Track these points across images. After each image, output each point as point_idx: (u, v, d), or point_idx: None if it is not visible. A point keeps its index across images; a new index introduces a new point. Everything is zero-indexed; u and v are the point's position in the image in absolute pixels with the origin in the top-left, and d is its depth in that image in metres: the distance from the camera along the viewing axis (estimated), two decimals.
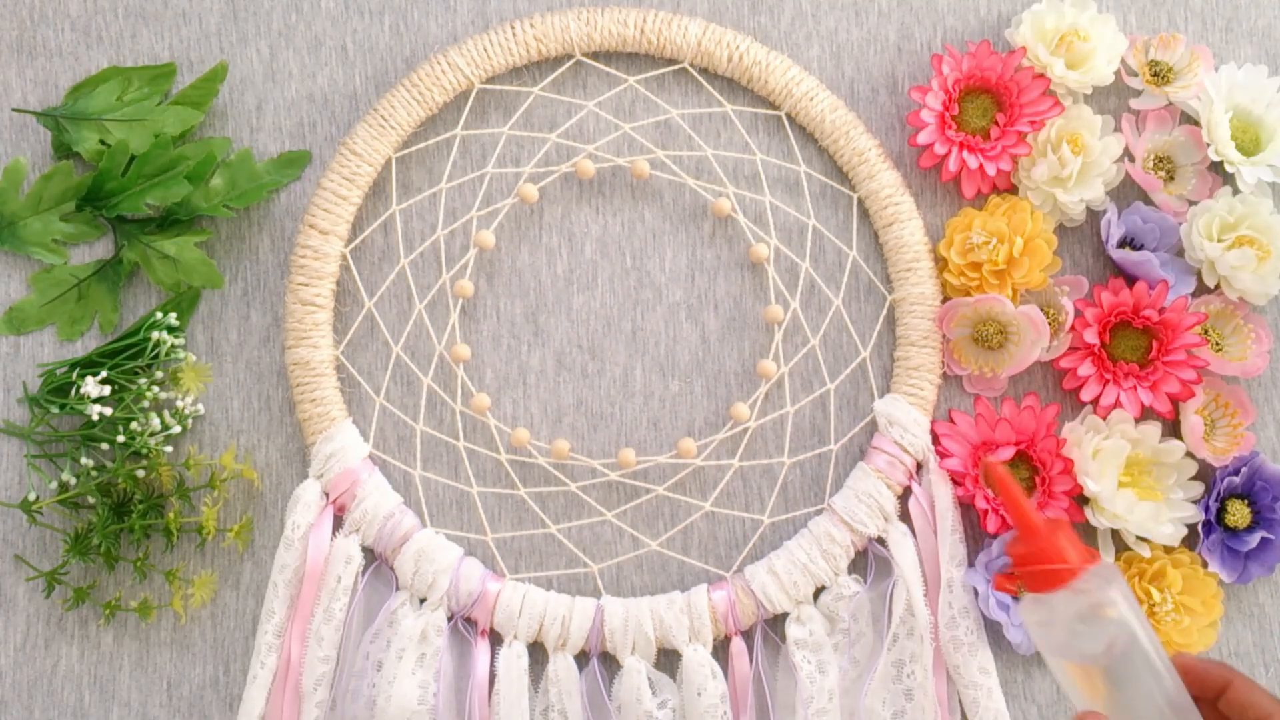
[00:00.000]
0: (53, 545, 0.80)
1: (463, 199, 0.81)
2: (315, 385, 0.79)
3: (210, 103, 0.81)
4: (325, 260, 0.79)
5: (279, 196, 0.81)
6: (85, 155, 0.80)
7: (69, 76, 0.82)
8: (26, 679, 0.79)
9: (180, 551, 0.79)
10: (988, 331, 0.79)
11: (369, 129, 0.79)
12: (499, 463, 0.80)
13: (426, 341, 0.80)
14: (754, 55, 0.80)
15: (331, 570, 0.77)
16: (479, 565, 0.78)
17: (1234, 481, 0.79)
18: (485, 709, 0.77)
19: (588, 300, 0.81)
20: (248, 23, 0.82)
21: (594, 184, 0.82)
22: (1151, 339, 0.78)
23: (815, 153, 0.81)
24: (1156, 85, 0.80)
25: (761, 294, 0.81)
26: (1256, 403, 0.81)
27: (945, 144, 0.79)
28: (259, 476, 0.80)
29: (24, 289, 0.81)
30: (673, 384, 0.81)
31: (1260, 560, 0.78)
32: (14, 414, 0.80)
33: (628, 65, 0.82)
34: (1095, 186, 0.79)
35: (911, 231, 0.80)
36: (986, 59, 0.79)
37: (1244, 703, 0.58)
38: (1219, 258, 0.77)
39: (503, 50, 0.80)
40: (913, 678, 0.76)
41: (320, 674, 0.76)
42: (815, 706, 0.75)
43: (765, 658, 0.78)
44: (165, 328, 0.78)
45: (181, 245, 0.79)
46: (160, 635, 0.79)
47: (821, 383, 0.81)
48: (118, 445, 0.77)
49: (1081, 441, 0.77)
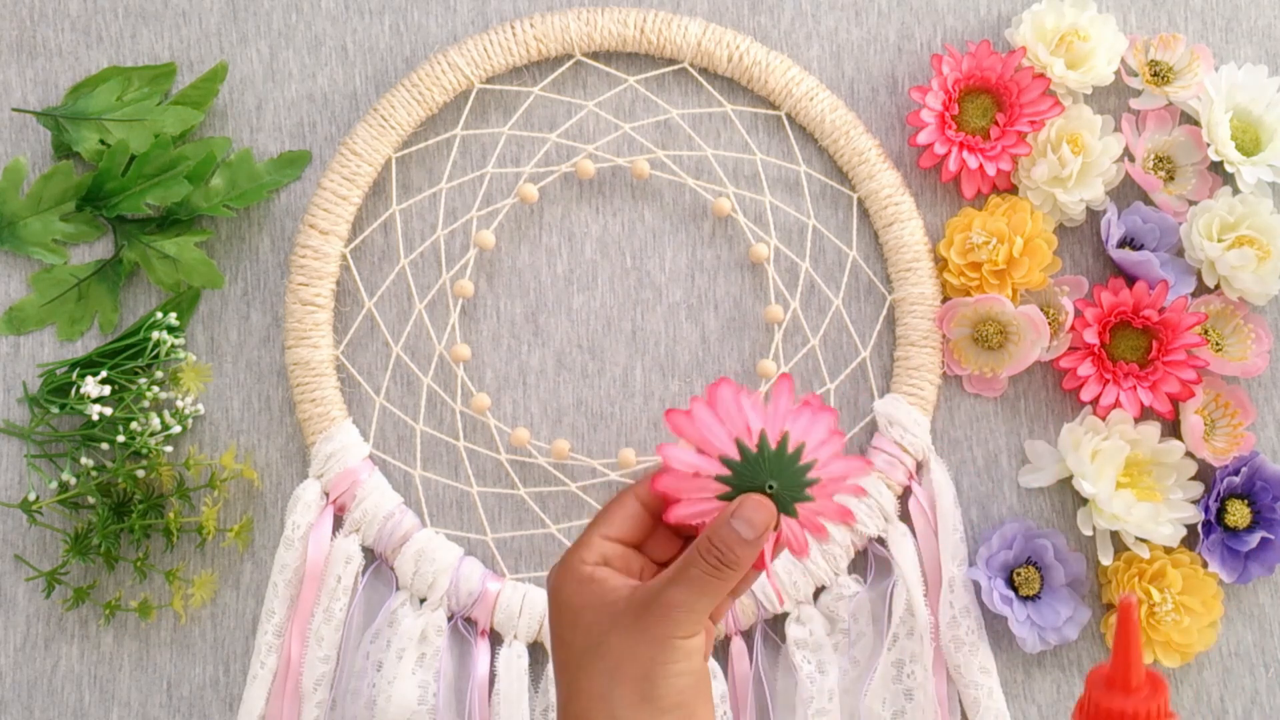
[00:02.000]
0: (53, 545, 0.80)
1: (463, 199, 0.81)
2: (315, 385, 0.79)
3: (210, 103, 0.81)
4: (325, 260, 0.79)
5: (279, 196, 0.81)
6: (85, 155, 0.80)
7: (69, 76, 0.82)
8: (26, 679, 0.79)
9: (180, 551, 0.79)
10: (988, 331, 0.79)
11: (369, 129, 0.79)
12: (499, 463, 0.80)
13: (426, 341, 0.80)
14: (754, 55, 0.80)
15: (331, 570, 0.77)
16: (479, 565, 0.78)
17: (1234, 481, 0.79)
18: (485, 709, 0.77)
19: (588, 300, 0.81)
20: (248, 23, 0.82)
21: (594, 184, 0.82)
22: (1151, 339, 0.78)
23: (815, 153, 0.81)
24: (1156, 85, 0.80)
25: (761, 294, 0.81)
26: (1256, 403, 0.81)
27: (945, 144, 0.79)
28: (259, 476, 0.80)
29: (24, 289, 0.81)
30: (673, 384, 0.81)
31: (1260, 560, 0.78)
32: (14, 414, 0.80)
33: (628, 65, 0.82)
34: (1095, 186, 0.79)
35: (911, 231, 0.80)
36: (986, 59, 0.79)
37: None
38: (1219, 258, 0.77)
39: (503, 50, 0.80)
40: (913, 678, 0.76)
41: (320, 674, 0.76)
42: (815, 706, 0.75)
43: (765, 658, 0.78)
44: (165, 328, 0.78)
45: (181, 245, 0.79)
46: (160, 635, 0.79)
47: (821, 383, 0.81)
48: (118, 445, 0.77)
49: (1080, 442, 0.77)
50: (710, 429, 0.53)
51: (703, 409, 0.53)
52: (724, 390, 0.53)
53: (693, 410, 0.53)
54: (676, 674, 0.52)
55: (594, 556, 0.54)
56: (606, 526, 0.55)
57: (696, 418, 0.53)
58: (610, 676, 0.52)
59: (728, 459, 0.53)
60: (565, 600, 0.54)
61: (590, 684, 0.53)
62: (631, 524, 0.55)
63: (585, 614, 0.53)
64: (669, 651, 0.52)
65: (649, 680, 0.52)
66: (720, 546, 0.52)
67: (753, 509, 0.52)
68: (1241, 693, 0.80)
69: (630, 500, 0.56)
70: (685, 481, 0.53)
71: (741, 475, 0.53)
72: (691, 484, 0.53)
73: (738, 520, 0.52)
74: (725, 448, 0.53)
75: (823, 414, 0.55)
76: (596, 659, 0.53)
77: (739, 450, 0.53)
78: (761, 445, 0.53)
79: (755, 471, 0.53)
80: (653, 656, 0.52)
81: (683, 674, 0.52)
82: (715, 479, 0.53)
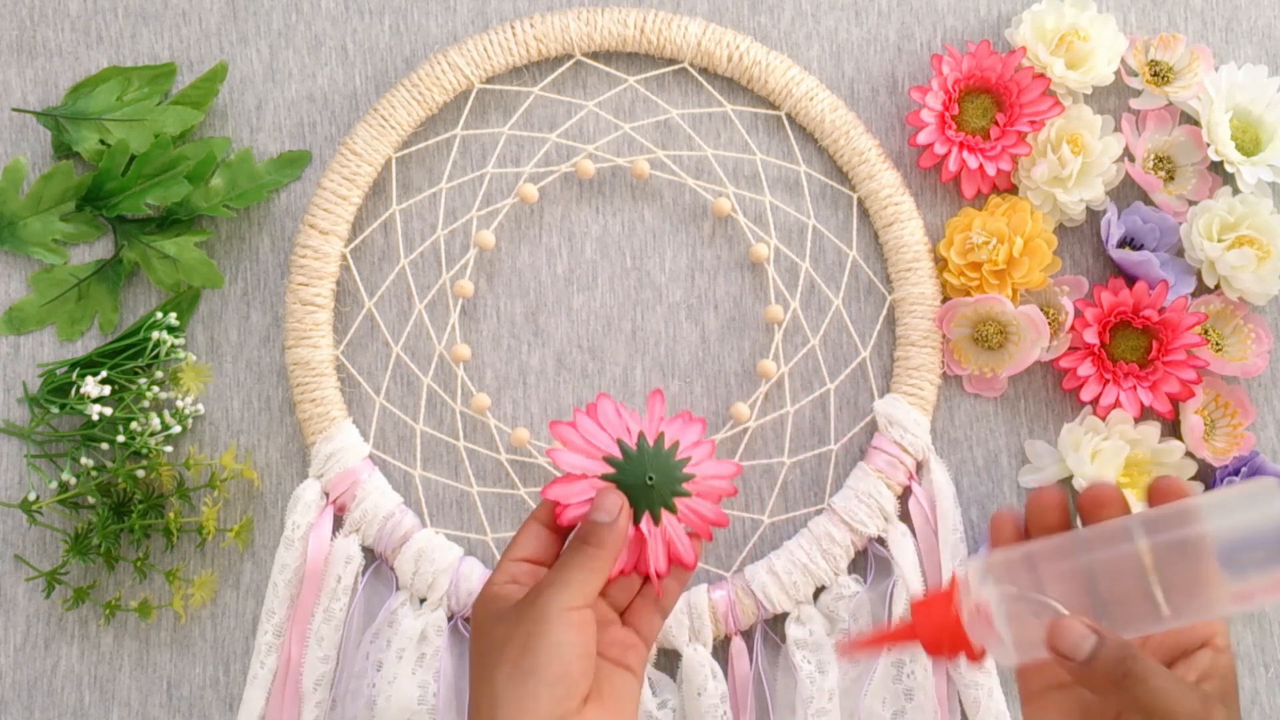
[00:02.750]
0: (53, 545, 0.80)
1: (463, 199, 0.81)
2: (315, 385, 0.79)
3: (210, 103, 0.81)
4: (325, 260, 0.79)
5: (279, 196, 0.81)
6: (85, 155, 0.80)
7: (69, 76, 0.82)
8: (26, 679, 0.79)
9: (180, 551, 0.79)
10: (988, 331, 0.79)
11: (369, 129, 0.79)
12: (499, 463, 0.80)
13: (426, 341, 0.81)
14: (754, 55, 0.80)
15: (331, 570, 0.77)
16: (479, 565, 0.78)
17: (1234, 482, 0.79)
18: None
19: (588, 300, 0.81)
20: (248, 23, 0.82)
21: (594, 184, 0.82)
22: (1151, 339, 0.78)
23: (815, 153, 0.82)
24: (1156, 85, 0.80)
25: (761, 294, 0.81)
26: (1256, 403, 0.81)
27: (945, 144, 0.79)
28: (259, 476, 0.80)
29: (24, 289, 0.81)
30: (673, 384, 0.81)
31: None
32: (14, 414, 0.80)
33: (628, 65, 0.82)
34: (1095, 186, 0.79)
35: (911, 231, 0.80)
36: (986, 59, 0.79)
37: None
38: (1219, 258, 0.77)
39: (503, 50, 0.80)
40: (913, 678, 0.76)
41: (320, 674, 0.76)
42: (815, 706, 0.75)
43: (765, 658, 0.78)
44: (165, 328, 0.78)
45: (181, 245, 0.80)
46: (160, 635, 0.79)
47: (821, 383, 0.81)
48: (118, 445, 0.77)
49: (1080, 442, 0.77)
50: (593, 434, 0.61)
51: (585, 418, 0.61)
52: (604, 403, 0.62)
53: (576, 420, 0.61)
54: (555, 644, 0.56)
55: (503, 578, 0.60)
56: (514, 550, 0.61)
57: (580, 425, 0.61)
58: (496, 657, 0.56)
59: (610, 457, 0.61)
60: (477, 620, 0.60)
61: (481, 674, 0.57)
62: (535, 543, 0.61)
63: (487, 624, 0.58)
64: (545, 623, 0.56)
65: (528, 651, 0.56)
66: (585, 530, 0.59)
67: (606, 495, 0.60)
68: (1241, 693, 0.80)
69: (531, 523, 0.62)
70: (573, 486, 0.60)
71: (624, 470, 0.61)
72: (579, 488, 0.60)
73: (595, 509, 0.59)
74: (608, 449, 0.61)
75: (694, 423, 0.63)
76: (488, 653, 0.57)
77: (620, 449, 0.61)
78: (640, 443, 0.61)
79: (636, 466, 0.61)
80: (529, 631, 0.56)
81: (562, 645, 0.56)
82: (600, 478, 0.61)
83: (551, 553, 0.61)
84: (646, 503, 0.61)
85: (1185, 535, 0.51)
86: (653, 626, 0.62)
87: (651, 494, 0.61)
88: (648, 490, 0.61)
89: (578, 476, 0.61)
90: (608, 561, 0.59)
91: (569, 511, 0.60)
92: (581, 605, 0.57)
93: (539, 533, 0.61)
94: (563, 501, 0.60)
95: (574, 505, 0.60)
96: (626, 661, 0.60)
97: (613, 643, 0.61)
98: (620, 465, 0.61)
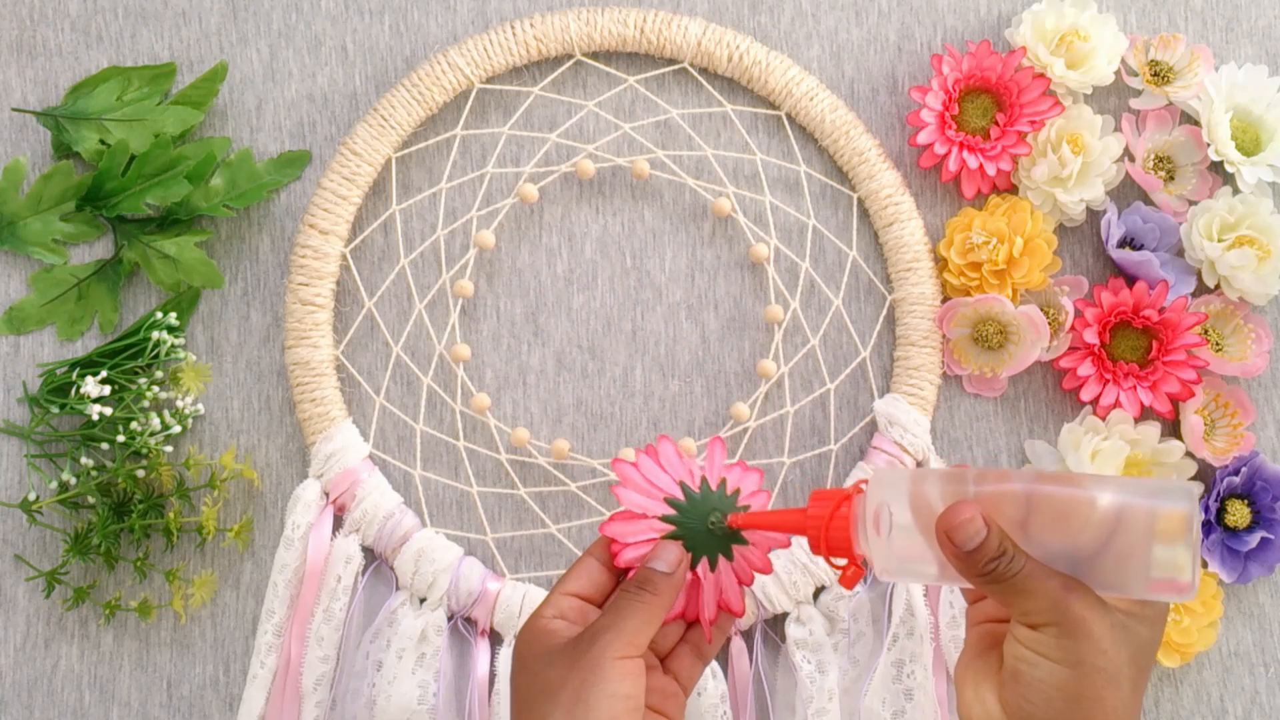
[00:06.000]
0: (53, 545, 0.80)
1: (463, 199, 0.81)
2: (315, 385, 0.79)
3: (210, 103, 0.81)
4: (325, 260, 0.79)
5: (279, 196, 0.81)
6: (85, 155, 0.80)
7: (69, 76, 0.82)
8: (26, 679, 0.79)
9: (180, 551, 0.79)
10: (988, 331, 0.79)
11: (369, 129, 0.79)
12: (499, 463, 0.80)
13: (426, 341, 0.81)
14: (754, 55, 0.80)
15: (331, 570, 0.77)
16: (479, 565, 0.78)
17: (1234, 481, 0.79)
18: (485, 709, 0.77)
19: (588, 300, 0.81)
20: (248, 23, 0.82)
21: (594, 184, 0.82)
22: (1151, 339, 0.78)
23: (815, 153, 0.82)
24: (1156, 85, 0.80)
25: (761, 294, 0.81)
26: (1256, 403, 0.81)
27: (945, 144, 0.79)
28: (259, 476, 0.80)
29: (24, 289, 0.81)
30: (673, 384, 0.81)
31: (1260, 560, 0.78)
32: (14, 414, 0.80)
33: (628, 65, 0.82)
34: (1095, 186, 0.79)
35: (911, 231, 0.80)
36: (986, 59, 0.79)
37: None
38: (1219, 258, 0.77)
39: (503, 50, 0.80)
40: (913, 678, 0.76)
41: (320, 674, 0.76)
42: (815, 706, 0.75)
43: (765, 658, 0.78)
44: (165, 328, 0.78)
45: (181, 245, 0.80)
46: (160, 635, 0.79)
47: (821, 383, 0.81)
48: (118, 445, 0.77)
49: (1080, 442, 0.77)
50: (654, 474, 0.61)
51: (646, 458, 0.61)
52: (665, 445, 0.61)
53: (638, 460, 0.61)
54: (608, 695, 0.55)
55: (552, 611, 0.59)
56: (565, 584, 0.60)
57: (642, 465, 0.61)
58: (549, 703, 0.56)
59: (672, 499, 0.60)
60: (520, 653, 0.58)
61: (528, 713, 0.56)
62: (588, 580, 0.60)
63: (534, 661, 0.57)
64: (598, 672, 0.55)
65: (581, 701, 0.55)
66: (640, 577, 0.58)
67: (668, 547, 0.59)
68: (1241, 693, 0.80)
69: (588, 558, 0.60)
70: (631, 525, 0.60)
71: (685, 513, 0.60)
72: (638, 527, 0.60)
73: (656, 558, 0.59)
74: (669, 489, 0.60)
75: (751, 471, 0.62)
76: (539, 694, 0.56)
77: (683, 491, 0.60)
78: (703, 488, 0.61)
79: (699, 509, 0.60)
80: (584, 679, 0.55)
81: (614, 696, 0.55)
82: (660, 519, 0.60)
83: (603, 591, 0.60)
84: (705, 548, 0.60)
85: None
86: (693, 675, 0.61)
87: (711, 540, 0.60)
88: (707, 536, 0.60)
89: (637, 515, 0.60)
90: (663, 611, 0.58)
91: (626, 552, 0.59)
92: (635, 655, 0.56)
93: (593, 569, 0.60)
94: (620, 540, 0.59)
95: (631, 545, 0.59)
96: (666, 710, 0.60)
97: (653, 690, 0.60)
98: (681, 508, 0.60)
